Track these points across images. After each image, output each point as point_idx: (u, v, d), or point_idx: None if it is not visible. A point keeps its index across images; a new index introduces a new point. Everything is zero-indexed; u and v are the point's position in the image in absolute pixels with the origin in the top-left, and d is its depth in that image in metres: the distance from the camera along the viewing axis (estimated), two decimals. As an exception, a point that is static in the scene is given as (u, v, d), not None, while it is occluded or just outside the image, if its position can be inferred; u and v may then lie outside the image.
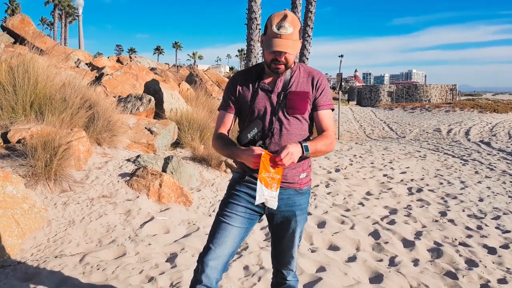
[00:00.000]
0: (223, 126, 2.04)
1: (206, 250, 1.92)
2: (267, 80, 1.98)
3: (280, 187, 1.96)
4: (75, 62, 13.61)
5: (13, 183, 3.47)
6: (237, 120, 2.10)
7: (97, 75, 10.38)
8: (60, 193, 4.05)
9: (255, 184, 1.96)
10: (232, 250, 1.95)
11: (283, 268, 2.13)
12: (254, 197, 1.98)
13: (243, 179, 2.00)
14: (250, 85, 1.99)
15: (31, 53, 5.76)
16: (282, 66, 1.89)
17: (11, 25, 13.60)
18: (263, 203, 1.94)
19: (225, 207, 1.99)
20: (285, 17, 1.81)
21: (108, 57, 20.50)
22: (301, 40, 1.93)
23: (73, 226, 3.62)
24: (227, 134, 2.04)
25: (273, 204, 1.81)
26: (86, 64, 14.56)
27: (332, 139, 1.93)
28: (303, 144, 1.80)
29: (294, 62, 2.03)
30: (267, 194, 1.79)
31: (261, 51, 2.01)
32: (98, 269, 3.05)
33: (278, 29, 1.80)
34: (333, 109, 2.02)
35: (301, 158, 1.89)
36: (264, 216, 2.09)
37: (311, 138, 2.01)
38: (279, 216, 2.02)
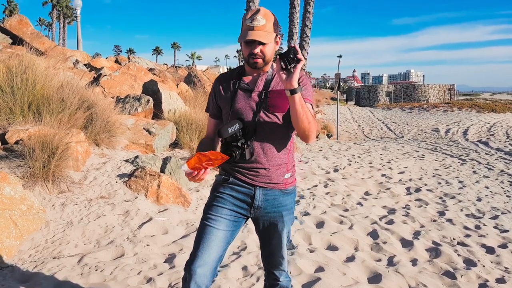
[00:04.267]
0: (208, 132, 2.08)
1: (193, 257, 1.90)
2: (248, 80, 1.96)
3: (265, 188, 1.95)
4: (73, 63, 13.58)
5: (11, 184, 3.47)
6: None
7: (95, 75, 10.37)
8: (58, 194, 4.05)
9: (240, 186, 1.96)
10: (220, 254, 1.93)
11: (274, 269, 2.12)
12: (239, 199, 1.96)
13: (227, 181, 1.98)
14: (231, 85, 1.98)
15: (30, 54, 5.75)
16: (260, 60, 1.87)
17: (9, 26, 13.59)
18: (251, 204, 1.95)
19: (209, 211, 1.96)
20: (257, 11, 1.84)
21: (107, 58, 20.49)
22: (278, 34, 1.90)
23: (71, 227, 3.62)
24: (209, 139, 2.09)
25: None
26: (84, 65, 14.54)
27: (314, 124, 1.85)
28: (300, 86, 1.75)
29: None
30: (184, 169, 1.77)
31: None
32: (96, 270, 3.05)
33: (251, 22, 1.82)
34: (313, 107, 1.93)
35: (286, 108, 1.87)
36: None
37: (292, 134, 1.98)
38: (265, 218, 2.00)
